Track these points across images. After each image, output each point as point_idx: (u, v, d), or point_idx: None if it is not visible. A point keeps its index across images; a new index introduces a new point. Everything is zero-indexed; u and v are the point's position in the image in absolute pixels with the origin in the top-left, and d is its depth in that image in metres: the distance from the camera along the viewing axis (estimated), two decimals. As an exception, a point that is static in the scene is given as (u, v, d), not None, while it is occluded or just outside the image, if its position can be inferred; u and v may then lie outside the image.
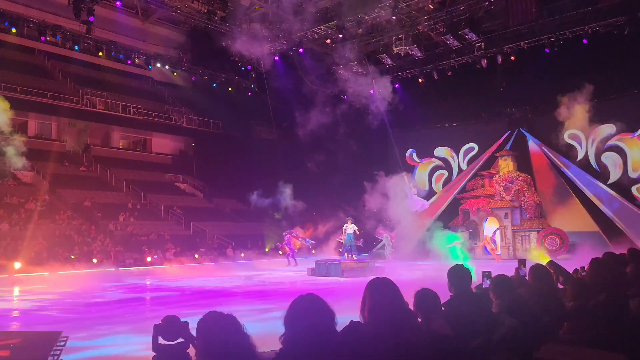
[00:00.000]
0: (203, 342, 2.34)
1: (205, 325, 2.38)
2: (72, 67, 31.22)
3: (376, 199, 23.77)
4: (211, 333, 2.34)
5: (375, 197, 23.79)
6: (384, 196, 23.64)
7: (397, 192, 24.57)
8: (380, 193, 23.68)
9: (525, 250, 24.74)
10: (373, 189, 23.95)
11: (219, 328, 2.34)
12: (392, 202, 23.78)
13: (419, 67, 28.91)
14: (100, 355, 6.59)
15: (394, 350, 2.50)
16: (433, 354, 2.65)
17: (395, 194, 24.16)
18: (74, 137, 31.33)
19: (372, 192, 23.91)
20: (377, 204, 23.75)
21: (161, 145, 35.54)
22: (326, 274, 17.86)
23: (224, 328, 2.34)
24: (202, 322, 2.39)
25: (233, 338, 2.32)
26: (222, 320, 2.39)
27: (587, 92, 24.16)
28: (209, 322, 2.38)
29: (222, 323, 2.37)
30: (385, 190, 23.77)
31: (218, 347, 2.28)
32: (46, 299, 12.85)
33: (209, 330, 2.35)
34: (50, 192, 25.85)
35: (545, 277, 4.15)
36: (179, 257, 24.41)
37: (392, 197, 23.84)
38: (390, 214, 24.45)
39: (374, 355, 2.46)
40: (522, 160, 27.93)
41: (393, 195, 23.91)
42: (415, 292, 3.29)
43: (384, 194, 23.69)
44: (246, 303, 11.81)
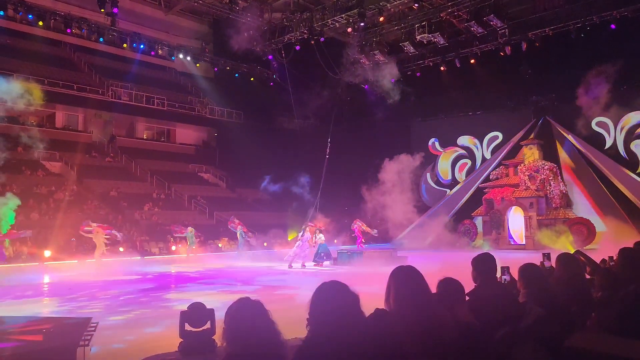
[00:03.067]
0: (230, 327, 2.38)
1: (232, 311, 2.41)
2: (98, 59, 31.67)
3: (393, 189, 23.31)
4: (238, 318, 2.37)
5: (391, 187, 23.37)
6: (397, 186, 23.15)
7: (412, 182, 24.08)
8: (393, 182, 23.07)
9: (551, 240, 24.38)
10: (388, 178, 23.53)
11: (245, 314, 2.37)
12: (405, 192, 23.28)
13: (441, 55, 28.54)
14: (129, 340, 6.75)
15: (420, 339, 2.50)
16: (459, 343, 2.65)
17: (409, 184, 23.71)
18: (99, 128, 31.87)
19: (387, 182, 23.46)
20: (393, 193, 23.21)
21: (184, 136, 35.91)
22: (348, 263, 17.92)
23: (251, 314, 2.38)
24: (230, 308, 2.42)
25: (259, 324, 2.34)
26: (249, 306, 2.42)
27: (615, 78, 23.54)
28: (236, 308, 2.41)
29: (249, 309, 2.40)
30: (398, 178, 23.22)
31: (244, 332, 2.31)
32: (76, 286, 13.17)
33: (236, 315, 2.39)
34: (77, 182, 26.40)
35: (573, 266, 4.09)
36: (203, 246, 24.74)
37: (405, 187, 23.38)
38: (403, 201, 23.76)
39: (400, 343, 2.46)
40: (548, 148, 27.45)
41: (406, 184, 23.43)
42: (439, 281, 3.28)
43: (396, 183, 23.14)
44: (269, 291, 11.93)
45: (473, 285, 3.68)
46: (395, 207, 22.76)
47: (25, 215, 21.95)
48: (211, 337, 4.72)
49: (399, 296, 2.62)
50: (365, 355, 2.32)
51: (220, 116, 34.72)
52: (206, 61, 33.56)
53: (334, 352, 2.30)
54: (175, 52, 32.11)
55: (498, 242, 25.97)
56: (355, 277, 13.16)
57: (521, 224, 26.06)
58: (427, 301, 2.66)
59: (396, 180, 23.29)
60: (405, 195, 23.76)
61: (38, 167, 26.35)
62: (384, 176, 22.72)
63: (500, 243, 25.83)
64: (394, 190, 22.97)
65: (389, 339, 2.45)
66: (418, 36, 25.96)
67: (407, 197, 23.96)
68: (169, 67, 35.11)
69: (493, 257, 3.66)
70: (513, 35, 25.94)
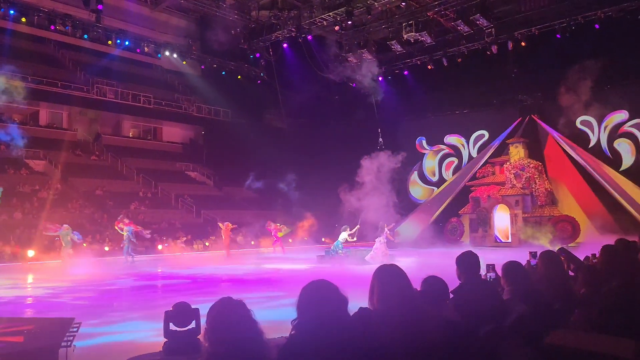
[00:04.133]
0: (211, 327, 2.35)
1: (214, 311, 2.38)
2: (82, 56, 31.30)
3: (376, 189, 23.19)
4: (219, 318, 2.34)
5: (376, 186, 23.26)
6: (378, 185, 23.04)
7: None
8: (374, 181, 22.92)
9: (536, 238, 24.60)
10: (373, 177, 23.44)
11: (227, 314, 2.35)
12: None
13: (429, 54, 28.67)
14: (112, 341, 6.68)
15: (404, 337, 2.50)
16: (443, 341, 2.65)
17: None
18: (85, 126, 31.53)
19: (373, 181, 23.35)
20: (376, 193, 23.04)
21: (171, 134, 35.66)
22: (336, 262, 17.91)
23: (233, 314, 2.35)
24: (212, 308, 2.40)
25: (241, 323, 2.32)
26: (231, 305, 2.39)
27: (600, 78, 23.82)
28: (218, 308, 2.39)
29: (231, 309, 2.38)
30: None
31: (226, 332, 2.29)
32: (59, 286, 13.02)
33: (217, 315, 2.36)
34: (62, 181, 26.08)
35: (556, 264, 4.13)
36: (190, 245, 24.61)
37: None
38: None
39: (385, 342, 2.46)
40: (534, 147, 27.70)
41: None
42: (423, 279, 3.29)
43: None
44: (256, 290, 11.89)
45: (458, 283, 3.69)
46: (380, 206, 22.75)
47: (8, 215, 21.66)
48: (196, 337, 4.68)
49: (382, 295, 2.61)
50: (349, 353, 2.31)
51: (207, 114, 34.53)
52: (193, 59, 33.35)
53: (318, 349, 2.29)
54: (162, 50, 31.85)
55: (484, 239, 26.17)
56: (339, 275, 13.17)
57: (507, 221, 26.27)
58: (412, 299, 2.66)
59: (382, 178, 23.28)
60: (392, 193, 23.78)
61: (21, 166, 26.00)
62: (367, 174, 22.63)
63: (486, 240, 26.03)
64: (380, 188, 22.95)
65: (373, 338, 2.45)
66: (405, 35, 26.03)
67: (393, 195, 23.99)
68: (155, 64, 34.82)
69: (476, 255, 3.68)
70: (499, 35, 26.15)
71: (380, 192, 21.64)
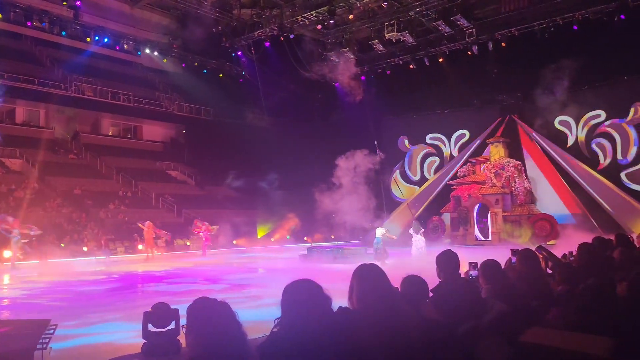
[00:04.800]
0: (194, 329, 2.31)
1: (196, 312, 2.34)
2: (60, 53, 30.78)
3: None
4: (202, 320, 2.30)
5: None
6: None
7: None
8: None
9: (516, 236, 24.92)
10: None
11: (211, 316, 2.31)
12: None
13: (411, 54, 28.85)
14: (90, 343, 6.58)
15: (383, 336, 2.50)
16: (422, 339, 2.65)
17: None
18: (63, 124, 31.00)
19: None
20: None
21: (152, 133, 35.28)
22: (318, 261, 17.93)
23: (217, 315, 2.31)
24: (193, 309, 2.35)
25: (226, 327, 2.28)
26: (215, 307, 2.35)
27: (578, 78, 24.22)
28: (200, 309, 2.35)
29: (214, 310, 2.34)
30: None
31: (209, 335, 2.25)
32: (36, 287, 12.79)
33: (200, 317, 2.32)
34: (39, 180, 25.62)
35: (534, 262, 4.17)
36: (171, 244, 24.37)
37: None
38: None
39: (364, 342, 2.45)
40: (513, 146, 28.05)
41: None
42: (403, 278, 3.29)
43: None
44: (238, 290, 11.83)
45: (438, 282, 3.71)
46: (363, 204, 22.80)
47: (-17, 214, 21.20)
48: (176, 337, 4.64)
49: (362, 294, 2.60)
50: (329, 351, 2.30)
51: (188, 113, 34.24)
52: (174, 56, 33.05)
53: (299, 346, 2.28)
54: (142, 47, 31.49)
55: (465, 238, 26.42)
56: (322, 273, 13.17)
57: (487, 220, 26.56)
58: (391, 298, 2.66)
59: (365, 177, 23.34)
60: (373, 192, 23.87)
61: (-3, 165, 25.50)
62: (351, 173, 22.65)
63: (467, 239, 26.29)
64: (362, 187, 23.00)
65: (352, 337, 2.44)
66: (387, 34, 26.16)
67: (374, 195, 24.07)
68: (135, 62, 34.40)
69: (455, 253, 3.70)
70: (480, 35, 26.43)
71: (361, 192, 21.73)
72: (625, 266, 4.74)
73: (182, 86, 34.10)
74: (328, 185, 21.45)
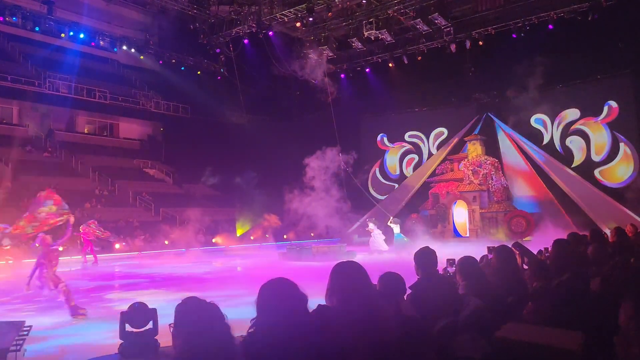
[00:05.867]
0: (182, 331, 2.26)
1: (184, 311, 2.30)
2: (34, 49, 30.07)
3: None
4: (191, 321, 2.26)
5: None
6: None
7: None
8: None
9: (492, 233, 25.29)
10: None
11: (198, 315, 2.28)
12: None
13: (390, 52, 28.99)
14: (66, 344, 6.47)
15: (362, 333, 2.51)
16: (400, 336, 2.67)
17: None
18: (36, 121, 30.34)
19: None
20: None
21: (129, 130, 34.76)
22: (297, 259, 17.93)
23: (205, 315, 2.29)
24: (182, 307, 2.31)
25: (214, 326, 2.26)
26: (203, 307, 2.33)
27: (553, 77, 24.67)
28: (188, 308, 2.31)
29: (202, 310, 2.31)
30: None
31: (198, 334, 2.22)
32: (9, 287, 12.51)
33: (188, 315, 2.28)
34: (13, 179, 25.04)
35: (510, 258, 4.24)
36: (149, 243, 24.08)
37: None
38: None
39: (343, 338, 2.46)
40: (490, 144, 28.44)
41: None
42: (380, 276, 3.31)
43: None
44: (217, 289, 11.74)
45: (416, 279, 3.74)
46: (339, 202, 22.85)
47: (-46, 214, 20.64)
48: (153, 337, 4.58)
49: (340, 291, 2.61)
50: (307, 349, 2.31)
51: (166, 110, 33.84)
52: (151, 53, 32.61)
53: (276, 346, 2.27)
54: (118, 44, 31.02)
55: (443, 234, 26.69)
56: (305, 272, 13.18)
57: (465, 217, 26.88)
58: (369, 296, 2.67)
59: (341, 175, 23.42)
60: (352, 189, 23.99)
61: (-32, 163, 24.85)
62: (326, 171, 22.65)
63: (445, 235, 26.56)
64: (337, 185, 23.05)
65: (331, 334, 2.45)
66: (366, 32, 26.22)
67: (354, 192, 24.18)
68: (111, 59, 33.86)
69: (433, 250, 3.73)
70: (457, 34, 26.70)
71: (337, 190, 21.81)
72: (599, 262, 4.84)
73: (160, 83, 33.69)
74: (305, 183, 21.49)
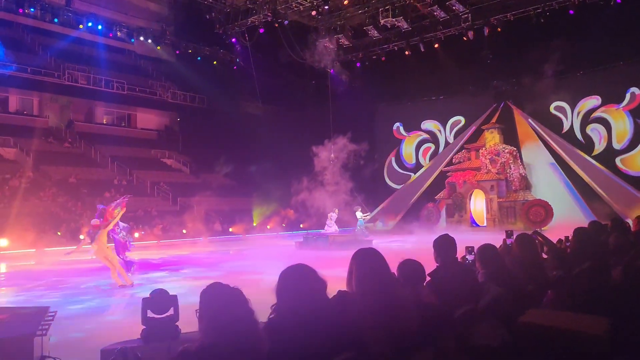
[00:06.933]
0: (207, 315, 2.29)
1: (209, 296, 2.33)
2: (53, 40, 30.40)
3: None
4: (216, 306, 2.29)
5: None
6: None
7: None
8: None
9: (510, 222, 25.08)
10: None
11: (222, 300, 2.31)
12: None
13: (406, 39, 28.68)
14: (89, 329, 6.61)
15: (381, 319, 2.52)
16: (420, 323, 2.68)
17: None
18: (56, 112, 30.77)
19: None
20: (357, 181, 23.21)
21: (146, 121, 35.08)
22: (314, 248, 17.99)
23: (230, 301, 2.32)
24: (206, 293, 2.34)
25: (238, 311, 2.28)
26: (227, 292, 2.35)
27: (573, 64, 24.22)
28: (212, 293, 2.34)
29: (226, 295, 2.34)
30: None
31: (223, 322, 2.24)
32: (34, 275, 12.80)
33: (213, 303, 2.31)
34: (34, 169, 25.49)
35: (531, 246, 4.21)
36: (167, 232, 24.37)
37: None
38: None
39: (362, 324, 2.48)
40: (509, 132, 28.12)
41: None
42: (399, 263, 3.31)
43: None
44: (234, 276, 11.86)
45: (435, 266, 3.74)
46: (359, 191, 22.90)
47: (-22, 204, 21.14)
48: (174, 323, 4.66)
49: (360, 278, 2.62)
50: (327, 334, 2.33)
51: (182, 100, 34.04)
52: (167, 44, 32.74)
53: (296, 332, 2.30)
54: (135, 34, 31.19)
55: (460, 224, 26.55)
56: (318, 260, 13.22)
57: (482, 206, 26.68)
58: (389, 282, 2.68)
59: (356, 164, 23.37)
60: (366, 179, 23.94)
61: (-9, 154, 25.34)
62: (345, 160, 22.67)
63: (462, 225, 26.41)
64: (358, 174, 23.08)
65: (351, 320, 2.47)
66: (382, 20, 25.98)
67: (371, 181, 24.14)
68: (128, 49, 34.09)
69: (453, 238, 3.72)
70: (475, 21, 26.26)
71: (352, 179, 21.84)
72: (620, 251, 4.78)
73: (176, 74, 33.85)
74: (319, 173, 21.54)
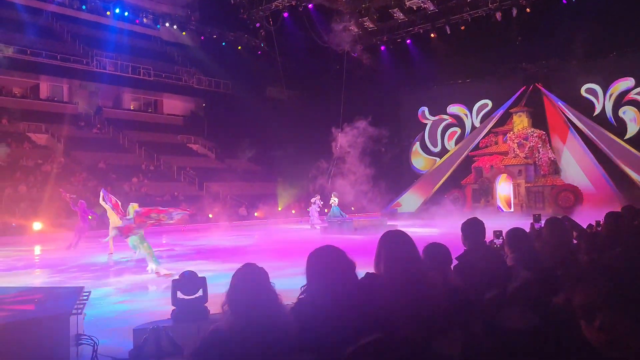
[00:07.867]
0: (235, 296, 2.35)
1: (241, 274, 2.39)
2: (81, 28, 30.92)
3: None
4: (243, 287, 2.34)
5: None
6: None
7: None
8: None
9: (538, 208, 24.67)
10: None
11: (252, 278, 2.37)
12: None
13: (432, 22, 28.18)
14: (122, 309, 6.80)
15: (409, 301, 2.53)
16: (448, 306, 2.69)
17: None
18: (85, 99, 31.36)
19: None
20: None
21: (172, 107, 35.49)
22: (339, 232, 18.06)
23: (263, 280, 2.37)
24: (245, 269, 2.41)
25: (263, 294, 2.33)
26: (260, 272, 2.42)
27: (605, 45, 23.50)
28: (245, 273, 2.40)
29: (262, 274, 2.40)
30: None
31: (248, 297, 2.29)
32: (68, 256, 13.17)
33: (243, 279, 2.37)
34: (65, 155, 26.10)
35: (561, 231, 4.14)
36: (193, 217, 24.71)
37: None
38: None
39: (391, 306, 2.49)
40: (537, 116, 27.52)
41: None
42: (425, 246, 3.30)
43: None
44: (260, 260, 11.99)
45: (463, 250, 3.72)
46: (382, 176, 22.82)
47: (13, 188, 21.76)
48: (203, 304, 4.77)
49: (388, 260, 2.63)
50: (356, 316, 2.35)
51: (207, 86, 34.29)
52: (192, 30, 32.92)
53: (326, 311, 2.32)
54: (161, 21, 31.44)
55: (487, 209, 26.23)
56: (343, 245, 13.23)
57: (509, 191, 26.31)
58: (417, 265, 2.68)
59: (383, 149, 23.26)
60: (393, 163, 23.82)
61: (24, 139, 25.98)
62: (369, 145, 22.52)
63: (489, 210, 26.10)
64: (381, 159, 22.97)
65: (379, 302, 2.49)
66: (408, 2, 25.61)
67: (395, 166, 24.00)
68: (154, 36, 34.41)
69: (481, 221, 3.69)
70: (504, 1, 25.64)
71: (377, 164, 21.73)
72: (653, 235, 4.68)
73: (201, 59, 34.06)
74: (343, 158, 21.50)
